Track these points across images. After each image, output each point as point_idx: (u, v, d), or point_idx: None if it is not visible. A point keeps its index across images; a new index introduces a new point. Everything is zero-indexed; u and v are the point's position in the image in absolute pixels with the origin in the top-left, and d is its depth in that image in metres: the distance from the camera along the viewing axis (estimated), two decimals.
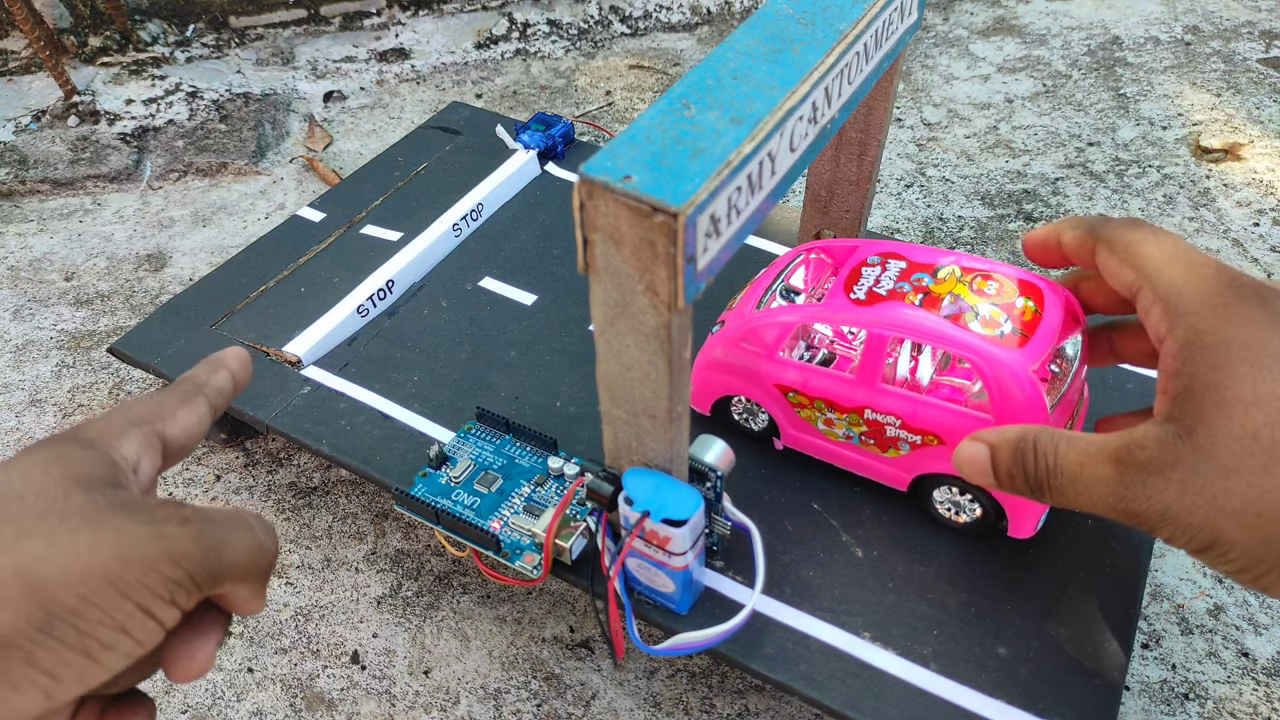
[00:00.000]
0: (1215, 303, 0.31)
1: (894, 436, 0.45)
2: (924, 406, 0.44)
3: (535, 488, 0.49)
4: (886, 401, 0.44)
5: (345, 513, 0.61)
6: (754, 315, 0.48)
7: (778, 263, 0.52)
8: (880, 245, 0.47)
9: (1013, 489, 0.35)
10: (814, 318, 0.45)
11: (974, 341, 0.41)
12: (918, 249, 0.46)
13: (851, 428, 0.46)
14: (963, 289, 0.43)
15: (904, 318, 0.42)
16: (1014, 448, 0.35)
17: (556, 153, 0.75)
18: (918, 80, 1.01)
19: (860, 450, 0.47)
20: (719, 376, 0.50)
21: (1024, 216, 0.82)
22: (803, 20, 0.38)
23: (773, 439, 0.50)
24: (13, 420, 0.68)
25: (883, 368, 0.44)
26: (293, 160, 0.95)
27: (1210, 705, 0.49)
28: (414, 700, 0.51)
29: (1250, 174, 0.85)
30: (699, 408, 0.52)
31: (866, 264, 0.46)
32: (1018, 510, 0.44)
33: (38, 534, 0.22)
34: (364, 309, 0.61)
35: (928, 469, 0.45)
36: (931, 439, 0.44)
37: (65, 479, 0.24)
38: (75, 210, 0.89)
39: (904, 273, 0.44)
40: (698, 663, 0.52)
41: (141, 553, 0.23)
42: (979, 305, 0.42)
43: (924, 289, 0.43)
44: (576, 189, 0.30)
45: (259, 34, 1.14)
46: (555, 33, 1.14)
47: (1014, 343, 0.40)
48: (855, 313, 0.43)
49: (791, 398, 0.47)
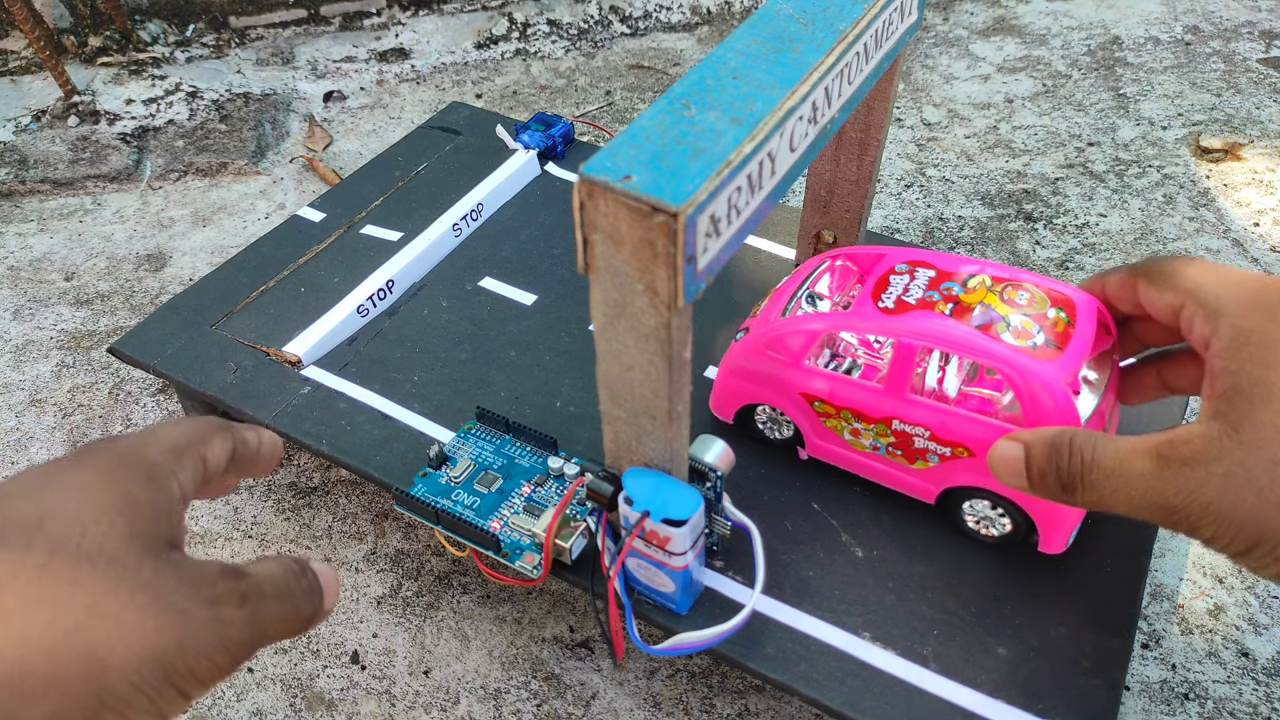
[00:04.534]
0: (1259, 303, 0.31)
1: (922, 448, 0.44)
2: (954, 418, 0.43)
3: (535, 488, 0.49)
4: (915, 412, 0.43)
5: (345, 513, 0.61)
6: (779, 322, 0.47)
7: (802, 270, 0.51)
8: (908, 253, 0.47)
9: (1045, 489, 0.34)
10: (841, 326, 0.45)
11: (1007, 353, 0.40)
12: (946, 257, 0.46)
13: (879, 438, 0.45)
14: (993, 299, 0.42)
15: (935, 327, 0.41)
16: (1049, 445, 0.34)
17: (556, 153, 0.75)
18: (918, 80, 1.01)
19: (887, 461, 0.46)
20: (743, 384, 0.49)
21: (1024, 216, 0.82)
22: (803, 20, 0.38)
23: (797, 449, 0.50)
24: (13, 420, 0.68)
25: (911, 378, 0.43)
26: (293, 160, 0.95)
27: (1210, 705, 0.49)
28: (414, 700, 0.51)
29: (1250, 174, 0.85)
30: (722, 415, 0.52)
31: (894, 272, 0.45)
32: (1050, 523, 0.43)
33: (108, 611, 0.22)
34: (364, 309, 0.61)
35: (957, 481, 0.44)
36: (962, 451, 0.43)
37: (134, 540, 0.23)
38: (75, 210, 0.89)
39: (933, 281, 0.44)
40: (698, 663, 0.52)
41: (199, 639, 0.23)
42: (1010, 316, 0.41)
43: (954, 298, 0.43)
44: (576, 189, 0.30)
45: (259, 34, 1.14)
46: (555, 33, 1.14)
47: (1047, 354, 0.40)
48: (884, 321, 0.43)
49: (817, 407, 0.46)
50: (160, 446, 0.27)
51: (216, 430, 0.29)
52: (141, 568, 0.23)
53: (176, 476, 0.26)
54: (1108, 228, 0.80)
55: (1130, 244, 0.78)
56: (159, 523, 0.24)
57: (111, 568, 0.22)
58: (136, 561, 0.23)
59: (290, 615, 0.26)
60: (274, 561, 0.27)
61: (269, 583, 0.26)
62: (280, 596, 0.26)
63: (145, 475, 0.25)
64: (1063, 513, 0.43)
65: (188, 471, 0.27)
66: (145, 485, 0.25)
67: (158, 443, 0.27)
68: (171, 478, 0.26)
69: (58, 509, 0.23)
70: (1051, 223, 0.81)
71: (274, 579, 0.26)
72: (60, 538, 0.22)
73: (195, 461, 0.27)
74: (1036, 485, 0.35)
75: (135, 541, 0.23)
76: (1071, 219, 0.81)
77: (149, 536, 0.24)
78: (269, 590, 0.26)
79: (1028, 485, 0.35)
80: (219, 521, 0.61)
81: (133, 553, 0.23)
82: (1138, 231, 0.79)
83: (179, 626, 0.22)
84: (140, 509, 0.24)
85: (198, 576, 0.24)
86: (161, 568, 0.23)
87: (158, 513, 0.25)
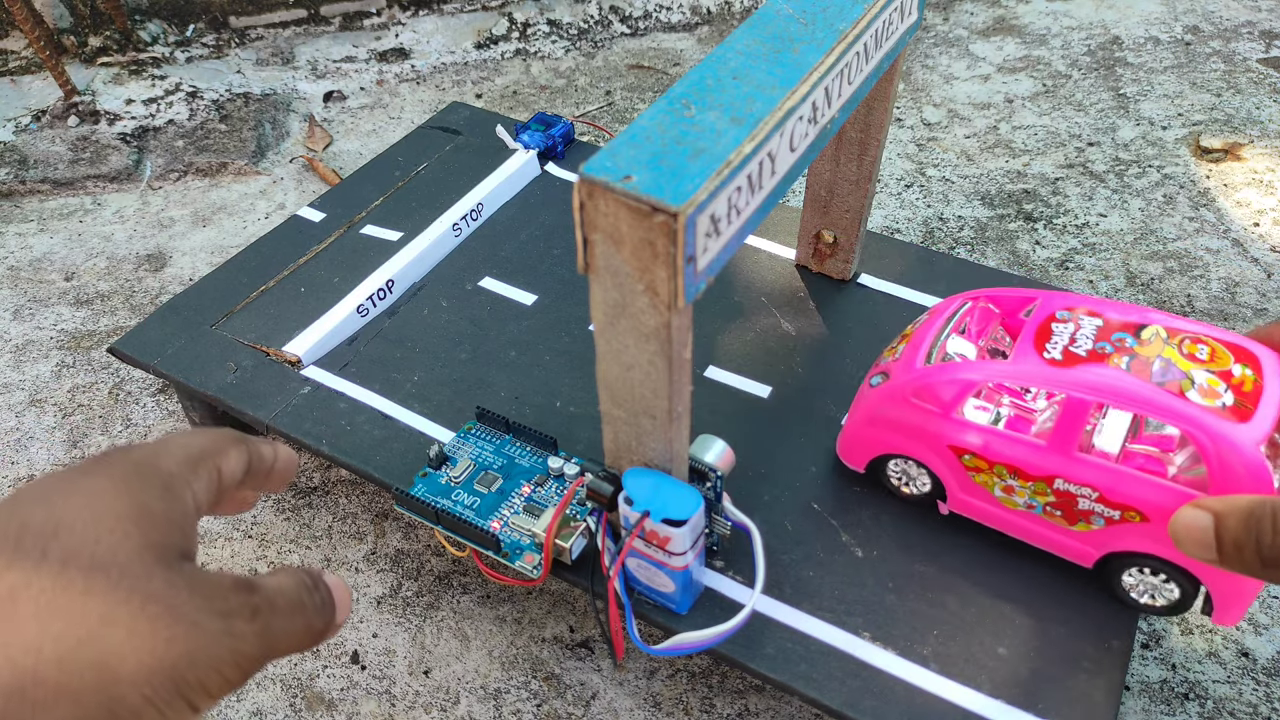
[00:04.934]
0: None
1: (1087, 509, 0.41)
2: (1127, 480, 0.40)
3: (535, 488, 0.49)
4: (1084, 472, 0.41)
5: (345, 513, 0.61)
6: (928, 370, 0.44)
7: (939, 311, 0.48)
8: (1063, 298, 0.44)
9: (1239, 563, 0.32)
10: (1005, 376, 0.42)
11: (1196, 414, 0.37)
12: (1107, 303, 0.43)
13: (1036, 497, 0.42)
14: (1172, 352, 0.40)
15: (1115, 383, 0.39)
16: (1247, 515, 0.31)
17: (556, 153, 0.75)
18: (918, 80, 1.01)
19: (1043, 522, 0.43)
20: (880, 433, 0.46)
21: (1024, 216, 0.82)
22: (803, 20, 0.38)
23: (937, 502, 0.47)
24: (13, 420, 0.68)
25: (1081, 435, 0.40)
26: (293, 160, 0.95)
27: (1210, 705, 0.49)
28: (414, 700, 0.51)
29: (1250, 174, 0.85)
30: (853, 465, 0.49)
31: (1056, 319, 0.43)
32: (1228, 595, 0.40)
33: (120, 621, 0.22)
34: (364, 309, 0.61)
35: (1121, 546, 0.41)
36: (1133, 515, 0.40)
37: (148, 550, 0.23)
38: (75, 210, 0.89)
39: (1102, 331, 0.41)
40: (698, 663, 0.52)
41: (210, 653, 0.23)
42: (1194, 372, 0.39)
43: (1129, 350, 0.40)
44: (576, 189, 0.30)
45: (259, 34, 1.14)
46: (555, 33, 1.14)
47: (1237, 415, 0.37)
48: (1055, 374, 0.40)
49: (967, 461, 0.43)
50: (175, 457, 0.26)
51: (232, 442, 0.29)
52: (154, 578, 0.23)
53: (191, 487, 0.26)
54: (1108, 228, 0.80)
55: (1130, 244, 0.78)
56: (172, 533, 0.24)
57: (124, 577, 0.22)
58: (149, 572, 0.23)
59: (301, 629, 0.26)
60: (287, 574, 0.27)
61: (281, 596, 0.26)
62: (293, 611, 0.26)
63: (160, 485, 0.25)
64: (1244, 584, 0.40)
65: (202, 483, 0.27)
66: (160, 495, 0.25)
67: (172, 453, 0.27)
68: (186, 488, 0.26)
69: (73, 516, 0.23)
70: (1051, 223, 0.81)
71: (287, 593, 0.26)
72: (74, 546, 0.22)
73: (210, 473, 0.27)
74: (1229, 558, 0.32)
75: (149, 552, 0.23)
76: (1071, 219, 0.81)
77: (162, 547, 0.24)
78: (281, 604, 0.25)
79: (1217, 558, 0.32)
80: (219, 522, 0.61)
81: (146, 563, 0.23)
82: (1138, 231, 0.79)
83: (190, 638, 0.22)
84: (154, 519, 0.24)
85: (210, 588, 0.24)
86: (174, 579, 0.23)
87: (171, 523, 0.24)
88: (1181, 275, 0.75)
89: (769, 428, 0.53)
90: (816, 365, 0.56)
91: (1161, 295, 0.73)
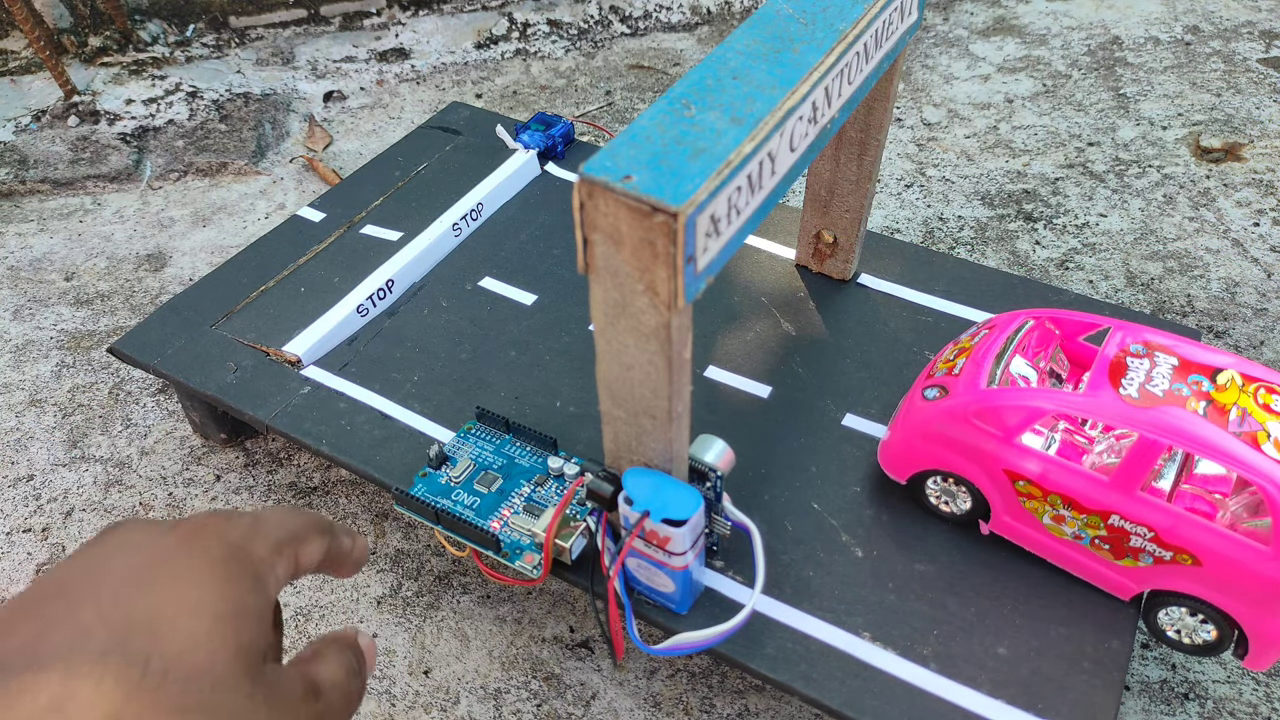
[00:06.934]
0: None
1: (1138, 547, 0.41)
2: (1186, 524, 0.40)
3: (535, 488, 0.49)
4: (1143, 511, 0.40)
5: (345, 513, 0.61)
6: (994, 392, 0.43)
7: (1000, 327, 0.48)
8: (1132, 329, 0.44)
9: None
10: (1078, 409, 0.41)
11: (1272, 469, 0.37)
12: (1181, 340, 0.43)
13: (1086, 529, 0.42)
14: (1248, 401, 0.39)
15: (1192, 429, 0.38)
16: None
17: (556, 153, 0.75)
18: (918, 80, 1.01)
19: (1088, 553, 0.43)
20: (931, 448, 0.45)
21: (1024, 216, 0.82)
22: (803, 20, 0.38)
23: (979, 522, 0.46)
24: (13, 420, 0.68)
25: (1147, 475, 0.40)
26: (293, 160, 0.95)
27: (1210, 705, 0.49)
28: (414, 700, 0.51)
29: (1250, 174, 0.85)
30: (896, 476, 0.48)
31: (1131, 353, 0.42)
32: (1265, 638, 0.40)
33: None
34: (364, 309, 0.61)
35: (1167, 585, 0.41)
36: (1185, 558, 0.40)
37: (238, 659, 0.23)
38: (75, 210, 0.89)
39: (1178, 371, 0.41)
40: (698, 663, 0.52)
41: None
42: (1269, 424, 0.39)
43: (1205, 395, 0.40)
44: (576, 189, 0.30)
45: (259, 34, 1.14)
46: (555, 33, 1.14)
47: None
48: (1133, 414, 0.39)
49: (1021, 486, 0.43)
50: (266, 542, 0.26)
51: (317, 532, 0.29)
52: (239, 690, 0.23)
53: (275, 573, 0.26)
54: (1108, 228, 0.80)
55: (1130, 244, 0.78)
56: (261, 633, 0.25)
57: (215, 692, 0.23)
58: (236, 683, 0.23)
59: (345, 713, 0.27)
60: (338, 663, 0.28)
61: (337, 691, 0.27)
62: (346, 704, 0.27)
63: (253, 577, 0.25)
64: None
65: (282, 569, 0.27)
66: (252, 589, 0.25)
67: (264, 537, 0.27)
68: (271, 575, 0.26)
69: (174, 611, 0.23)
70: (1051, 223, 0.81)
71: (339, 686, 0.27)
72: (174, 651, 0.23)
73: (290, 560, 0.27)
74: None
75: (239, 660, 0.24)
76: (1071, 219, 0.81)
77: (251, 652, 0.24)
78: (338, 702, 0.27)
79: None
80: None
81: (235, 673, 0.23)
82: (1138, 231, 0.79)
83: None
84: (247, 618, 0.24)
85: (285, 702, 0.25)
86: (256, 692, 0.24)
87: (260, 621, 0.25)
88: (1181, 275, 0.75)
89: (769, 428, 0.53)
90: (816, 365, 0.56)
91: (1161, 295, 0.73)
